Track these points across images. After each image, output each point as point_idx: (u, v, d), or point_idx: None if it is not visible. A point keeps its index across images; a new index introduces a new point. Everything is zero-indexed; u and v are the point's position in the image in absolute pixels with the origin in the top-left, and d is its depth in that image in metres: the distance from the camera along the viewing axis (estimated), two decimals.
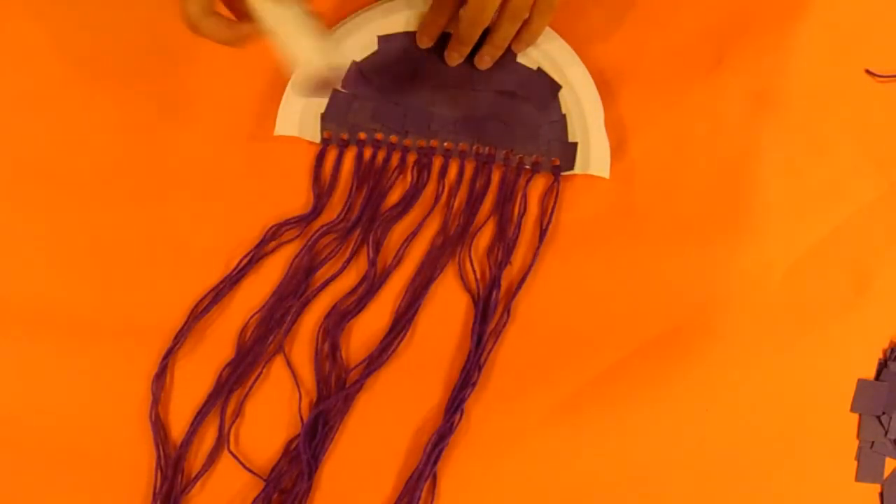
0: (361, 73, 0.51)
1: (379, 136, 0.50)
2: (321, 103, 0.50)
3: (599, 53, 0.52)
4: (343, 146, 0.50)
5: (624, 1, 0.53)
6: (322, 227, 0.49)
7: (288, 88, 0.49)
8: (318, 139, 0.50)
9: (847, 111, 0.52)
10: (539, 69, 0.51)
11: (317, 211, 0.49)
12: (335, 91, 0.50)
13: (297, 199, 0.49)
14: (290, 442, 0.46)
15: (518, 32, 0.48)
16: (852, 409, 0.48)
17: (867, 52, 0.53)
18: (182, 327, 0.47)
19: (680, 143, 0.51)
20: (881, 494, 0.47)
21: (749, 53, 0.53)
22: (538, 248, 0.49)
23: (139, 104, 0.50)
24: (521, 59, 0.51)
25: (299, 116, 0.49)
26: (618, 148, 0.50)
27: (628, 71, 0.52)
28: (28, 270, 0.48)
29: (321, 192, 0.49)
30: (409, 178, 0.50)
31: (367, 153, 0.50)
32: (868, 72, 0.53)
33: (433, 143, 0.50)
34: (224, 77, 0.51)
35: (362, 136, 0.50)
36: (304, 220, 0.49)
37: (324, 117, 0.50)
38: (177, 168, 0.49)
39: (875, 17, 0.54)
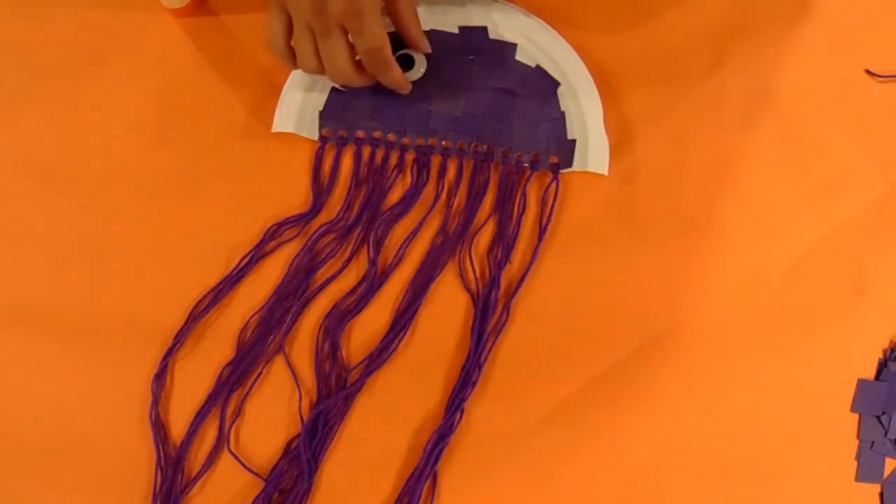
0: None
1: (377, 134, 0.50)
2: (320, 101, 0.50)
3: (599, 53, 0.52)
4: (341, 144, 0.50)
5: (624, 1, 0.53)
6: (322, 226, 0.49)
7: (286, 85, 0.49)
8: (315, 136, 0.50)
9: (847, 111, 0.52)
10: (538, 66, 0.51)
11: (316, 209, 0.49)
12: (334, 89, 0.50)
13: (297, 198, 0.49)
14: (290, 442, 0.46)
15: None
16: (852, 409, 0.48)
17: (867, 52, 0.53)
18: (182, 327, 0.47)
19: (680, 143, 0.51)
20: (881, 494, 0.47)
21: (749, 53, 0.53)
22: (537, 246, 0.49)
23: (137, 103, 0.51)
24: (519, 57, 0.51)
25: (297, 113, 0.49)
26: (618, 147, 0.50)
27: (628, 70, 0.52)
28: (28, 270, 0.48)
29: (320, 190, 0.49)
30: (408, 177, 0.50)
31: (366, 151, 0.50)
32: (868, 72, 0.53)
33: (431, 141, 0.50)
34: (221, 74, 0.51)
35: (360, 134, 0.50)
36: (303, 219, 0.49)
37: (322, 115, 0.50)
38: (176, 168, 0.50)
39: (875, 17, 0.54)
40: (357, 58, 0.46)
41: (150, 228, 0.49)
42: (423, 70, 0.50)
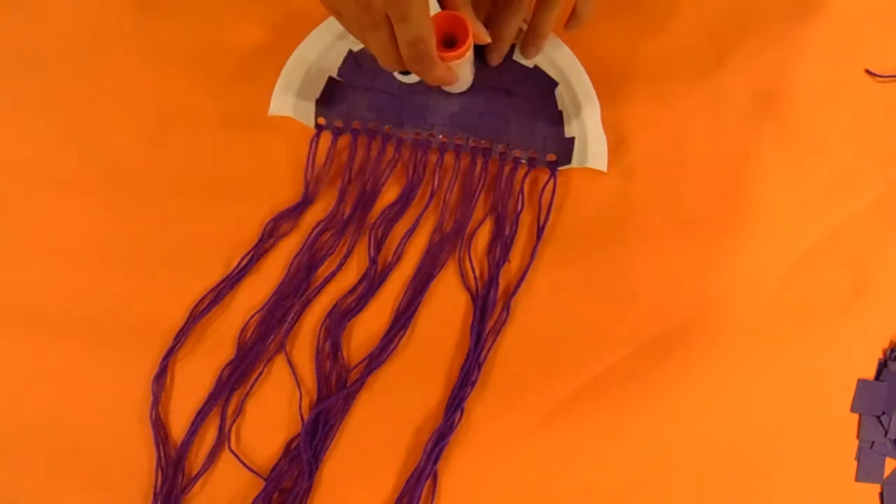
0: (358, 62, 0.51)
1: (373, 125, 0.50)
2: (317, 90, 0.50)
3: (599, 53, 0.52)
4: (337, 133, 0.50)
5: (624, 0, 0.53)
6: (319, 222, 0.49)
7: (283, 74, 0.49)
8: (311, 124, 0.50)
9: (847, 111, 0.53)
10: (535, 67, 0.51)
11: (308, 198, 0.49)
12: (331, 78, 0.50)
13: (294, 192, 0.49)
14: (291, 441, 0.46)
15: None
16: (852, 409, 0.48)
17: (867, 52, 0.53)
18: (182, 327, 0.47)
19: (680, 143, 0.51)
20: (881, 494, 0.47)
21: (749, 53, 0.53)
22: (536, 245, 0.49)
23: (135, 104, 0.51)
24: (517, 57, 0.51)
25: (294, 98, 0.49)
26: (617, 147, 0.50)
27: (628, 70, 0.52)
28: (28, 270, 0.48)
29: (314, 178, 0.49)
30: (404, 171, 0.50)
31: (362, 142, 0.50)
32: (868, 72, 0.53)
33: (429, 135, 0.50)
34: (220, 73, 0.51)
35: (357, 124, 0.50)
36: (297, 210, 0.49)
37: (319, 103, 0.50)
38: (175, 167, 0.50)
39: (875, 17, 0.54)
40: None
41: (150, 228, 0.49)
42: None
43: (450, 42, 0.43)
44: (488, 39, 0.45)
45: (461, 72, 0.46)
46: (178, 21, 0.52)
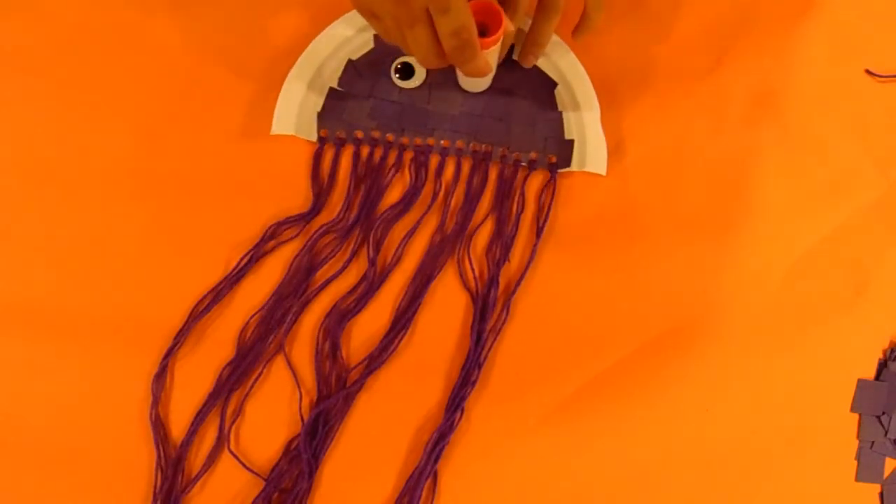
0: (357, 70, 0.51)
1: (375, 134, 0.50)
2: (318, 102, 0.50)
3: (599, 53, 0.52)
4: (340, 145, 0.50)
5: (624, 1, 0.53)
6: (322, 226, 0.49)
7: (284, 87, 0.49)
8: (314, 138, 0.50)
9: (847, 111, 0.53)
10: (535, 66, 0.51)
11: (316, 209, 0.49)
12: (332, 89, 0.50)
13: (296, 198, 0.49)
14: (291, 441, 0.46)
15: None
16: (852, 409, 0.48)
17: (867, 52, 0.53)
18: (182, 327, 0.47)
19: (680, 143, 0.51)
20: (881, 494, 0.47)
21: (749, 53, 0.53)
22: (535, 245, 0.49)
23: (137, 104, 0.51)
24: (517, 57, 0.51)
25: (295, 115, 0.49)
26: (618, 147, 0.50)
27: (628, 71, 0.52)
28: (28, 270, 0.48)
29: (319, 190, 0.49)
30: (406, 177, 0.50)
31: (365, 151, 0.50)
32: (868, 72, 0.53)
33: (430, 140, 0.50)
34: (219, 76, 0.51)
35: (359, 134, 0.50)
36: (303, 219, 0.49)
37: (320, 116, 0.50)
38: (175, 168, 0.50)
39: (875, 17, 0.54)
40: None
41: (150, 229, 0.49)
42: (423, 78, 0.50)
43: (479, 32, 0.43)
44: (513, 28, 0.44)
45: (493, 61, 0.46)
46: (181, 21, 0.52)
